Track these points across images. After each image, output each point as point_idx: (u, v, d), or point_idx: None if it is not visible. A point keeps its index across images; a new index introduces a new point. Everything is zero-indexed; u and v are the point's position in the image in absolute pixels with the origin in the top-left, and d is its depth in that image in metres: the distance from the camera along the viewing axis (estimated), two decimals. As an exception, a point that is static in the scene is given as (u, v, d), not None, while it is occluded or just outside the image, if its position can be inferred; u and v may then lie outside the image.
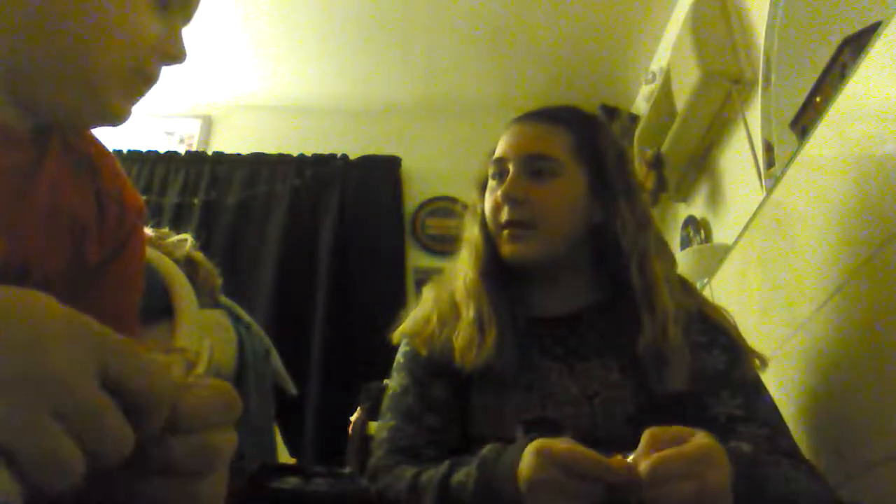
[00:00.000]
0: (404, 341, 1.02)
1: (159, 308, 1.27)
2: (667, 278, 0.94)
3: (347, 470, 1.07)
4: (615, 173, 0.99)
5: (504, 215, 0.96)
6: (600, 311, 0.97)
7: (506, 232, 0.96)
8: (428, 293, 1.04)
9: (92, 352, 0.34)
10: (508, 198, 0.95)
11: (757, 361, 0.95)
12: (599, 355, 0.92)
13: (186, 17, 0.68)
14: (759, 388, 0.92)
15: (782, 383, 1.21)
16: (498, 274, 0.98)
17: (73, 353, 0.33)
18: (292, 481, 0.80)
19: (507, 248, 0.96)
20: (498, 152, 1.00)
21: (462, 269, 1.00)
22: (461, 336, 0.92)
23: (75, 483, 0.33)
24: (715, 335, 0.94)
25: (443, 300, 0.99)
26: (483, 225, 1.00)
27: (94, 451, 0.33)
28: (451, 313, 0.97)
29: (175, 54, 0.65)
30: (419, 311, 1.01)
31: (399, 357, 1.02)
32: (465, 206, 1.09)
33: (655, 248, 0.97)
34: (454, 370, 0.91)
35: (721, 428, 0.85)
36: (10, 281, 0.57)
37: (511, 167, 0.97)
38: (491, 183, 1.01)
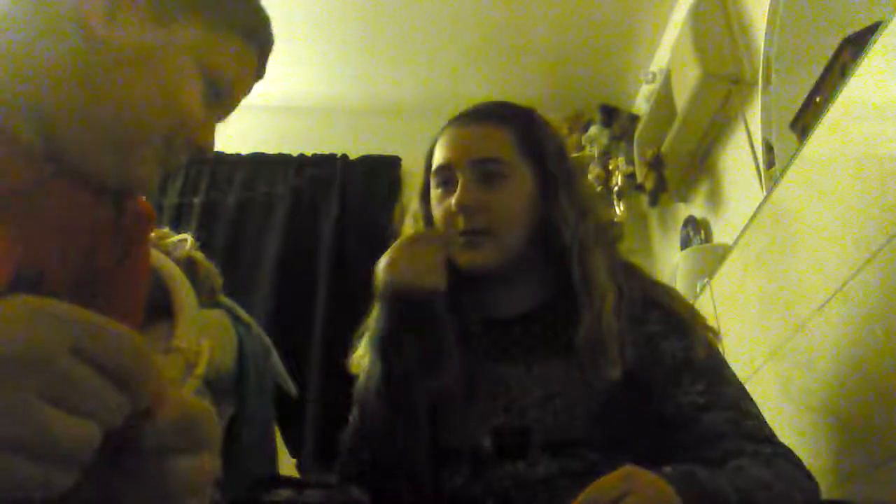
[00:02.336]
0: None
1: (159, 308, 1.27)
2: (607, 267, 0.92)
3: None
4: (555, 165, 0.97)
5: (460, 224, 0.93)
6: (553, 308, 0.95)
7: (462, 240, 0.93)
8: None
9: (59, 331, 0.33)
10: (463, 207, 0.92)
11: (710, 335, 0.92)
12: (556, 354, 0.90)
13: (223, 114, 0.72)
14: (722, 370, 0.89)
15: (782, 383, 1.21)
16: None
17: (40, 332, 0.33)
18: (285, 494, 0.80)
19: (464, 258, 0.93)
20: (441, 159, 0.96)
21: None
22: None
23: (86, 460, 0.33)
24: (670, 321, 0.91)
25: None
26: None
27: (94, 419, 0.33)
28: None
29: (204, 143, 0.69)
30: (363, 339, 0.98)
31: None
32: (401, 215, 1.05)
33: (595, 236, 0.95)
34: None
35: (685, 418, 0.84)
36: (24, 288, 0.58)
37: (459, 175, 0.94)
38: (437, 191, 0.97)
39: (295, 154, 3.08)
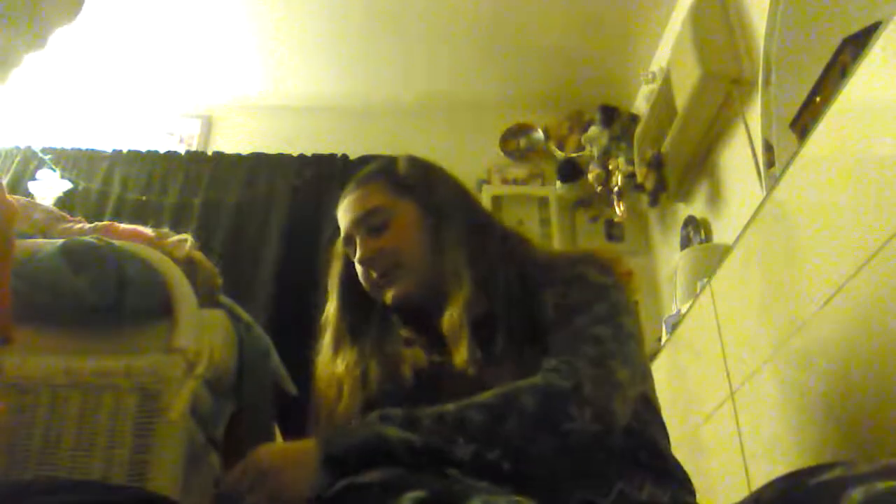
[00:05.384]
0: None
1: (159, 308, 1.27)
2: (466, 262, 1.00)
3: None
4: (426, 187, 1.08)
5: (373, 274, 1.05)
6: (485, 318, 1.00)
7: (381, 283, 1.04)
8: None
9: None
10: (366, 260, 1.05)
11: (594, 273, 0.94)
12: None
13: None
14: (576, 312, 0.90)
15: (782, 383, 1.21)
16: (377, 315, 1.08)
17: None
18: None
19: (389, 296, 1.03)
20: (342, 232, 1.11)
21: (328, 320, 1.12)
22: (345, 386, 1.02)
23: None
24: (568, 282, 0.94)
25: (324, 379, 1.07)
26: (344, 282, 1.13)
27: None
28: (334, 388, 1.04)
29: None
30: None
31: None
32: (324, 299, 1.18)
33: (458, 232, 1.03)
34: None
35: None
36: None
37: (356, 237, 1.07)
38: (351, 258, 1.10)
39: (295, 154, 3.08)
